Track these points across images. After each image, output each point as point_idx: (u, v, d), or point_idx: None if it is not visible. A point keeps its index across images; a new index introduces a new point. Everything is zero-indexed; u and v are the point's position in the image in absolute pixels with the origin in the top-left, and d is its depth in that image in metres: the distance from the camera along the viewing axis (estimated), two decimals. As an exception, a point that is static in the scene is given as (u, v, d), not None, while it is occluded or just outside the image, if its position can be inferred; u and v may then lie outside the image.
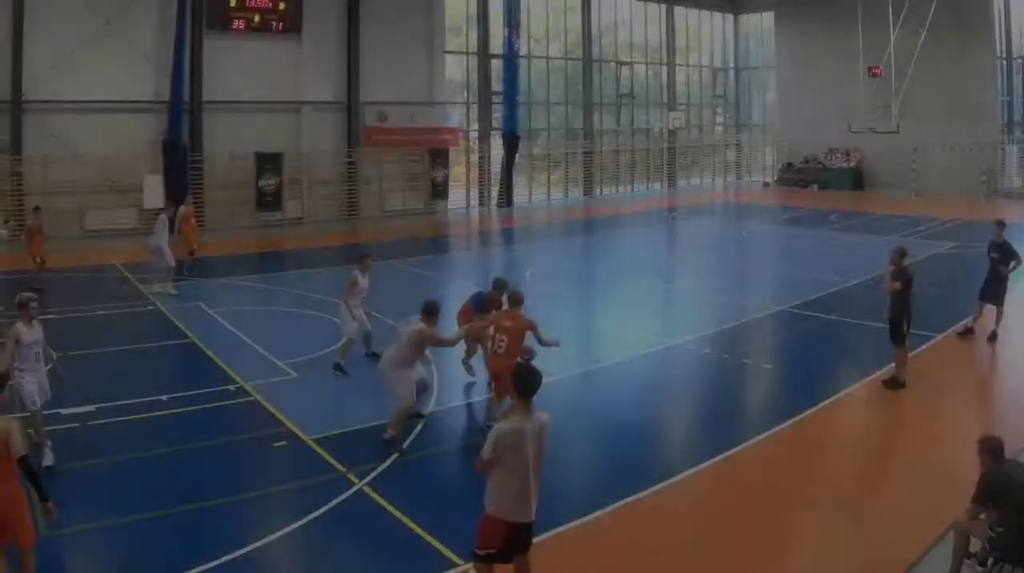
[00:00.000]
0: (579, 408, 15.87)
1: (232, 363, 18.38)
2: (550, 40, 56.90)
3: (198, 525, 11.35)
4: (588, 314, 23.51)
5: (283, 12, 42.98)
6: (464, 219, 48.82)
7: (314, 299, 24.66)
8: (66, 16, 37.15)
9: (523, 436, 8.46)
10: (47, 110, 36.94)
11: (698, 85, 66.26)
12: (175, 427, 14.93)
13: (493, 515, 8.64)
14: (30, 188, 36.54)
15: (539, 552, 9.44)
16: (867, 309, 22.09)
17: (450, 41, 50.99)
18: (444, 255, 36.76)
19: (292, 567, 10.90)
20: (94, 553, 10.89)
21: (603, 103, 59.17)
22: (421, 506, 11.74)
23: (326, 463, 13.24)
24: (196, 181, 40.36)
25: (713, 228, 44.20)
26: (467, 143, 52.26)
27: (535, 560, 9.17)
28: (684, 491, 12.50)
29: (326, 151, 45.06)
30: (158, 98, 39.56)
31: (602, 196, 57.73)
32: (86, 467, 12.91)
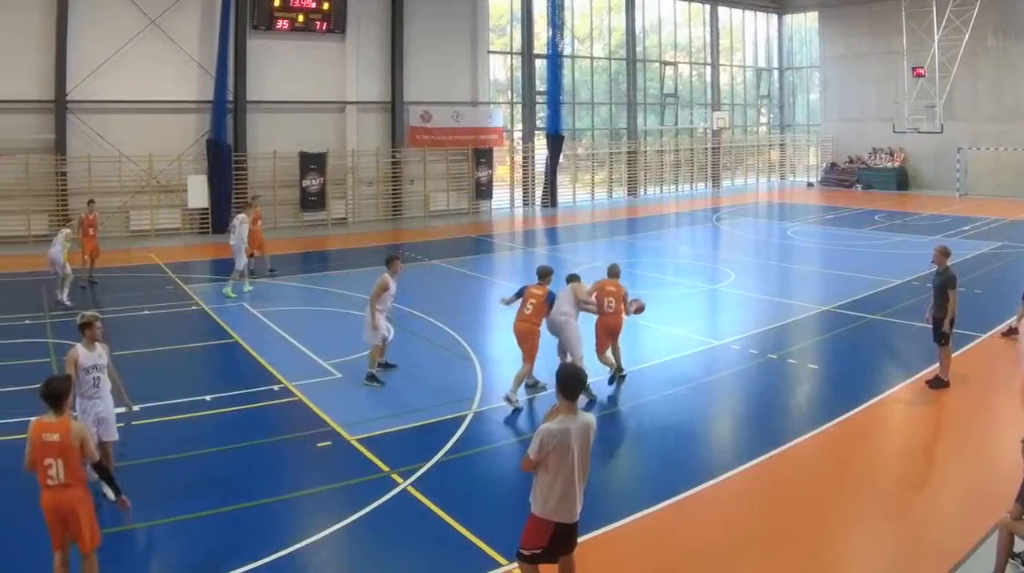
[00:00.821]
0: (625, 407, 15.76)
1: (276, 363, 18.05)
2: (594, 40, 55.63)
3: (242, 525, 11.13)
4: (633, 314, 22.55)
5: (327, 12, 41.88)
6: (508, 219, 47.54)
7: (358, 299, 23.35)
8: (110, 16, 36.37)
9: (569, 436, 8.31)
10: (91, 110, 36.12)
11: (742, 85, 64.77)
12: (219, 427, 14.75)
13: (539, 515, 8.51)
14: (74, 188, 35.77)
15: (586, 551, 9.40)
16: (911, 309, 22.13)
17: (494, 41, 49.85)
18: (489, 255, 35.77)
19: (336, 567, 10.62)
20: (139, 553, 10.67)
21: (647, 103, 57.81)
22: (465, 506, 11.53)
23: (370, 463, 12.97)
24: (240, 181, 39.60)
25: (758, 228, 43.03)
26: (511, 143, 51.13)
27: (582, 560, 9.03)
28: (730, 490, 12.27)
29: (370, 151, 43.94)
30: (202, 98, 38.68)
31: (646, 196, 56.34)
32: (130, 467, 12.41)
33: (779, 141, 66.27)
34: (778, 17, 65.15)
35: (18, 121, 34.82)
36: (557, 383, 8.57)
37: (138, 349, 19.04)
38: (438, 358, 19.00)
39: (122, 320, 22.27)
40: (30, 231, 34.77)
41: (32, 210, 35.10)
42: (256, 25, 39.98)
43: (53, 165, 35.62)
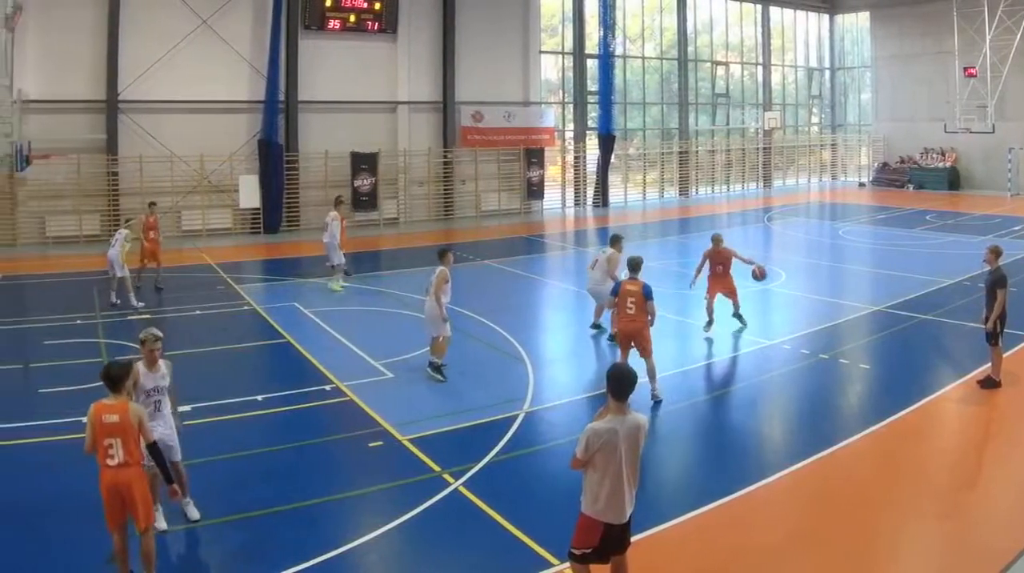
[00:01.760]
0: (677, 407, 15.30)
1: (328, 363, 17.60)
2: (646, 40, 53.82)
3: (294, 525, 10.84)
4: (684, 314, 21.95)
5: (379, 12, 40.58)
6: (559, 219, 46.02)
7: (409, 299, 23.32)
8: (161, 16, 35.41)
9: (616, 436, 8.07)
10: (143, 110, 35.14)
11: (794, 85, 62.61)
12: (271, 427, 14.46)
13: (588, 514, 8.27)
14: (126, 188, 34.90)
15: (638, 551, 9.12)
16: (962, 309, 21.71)
17: (545, 41, 48.24)
18: (540, 255, 34.53)
19: (387, 567, 10.35)
20: (190, 553, 10.44)
21: (698, 103, 55.99)
22: (516, 505, 11.24)
23: (421, 463, 12.65)
24: (291, 181, 38.53)
25: (809, 228, 41.47)
26: (563, 143, 49.57)
27: (635, 559, 8.78)
28: (782, 490, 11.94)
29: (421, 151, 42.58)
30: (253, 98, 37.56)
31: (697, 196, 54.55)
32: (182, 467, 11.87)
33: (830, 141, 64.02)
34: (829, 17, 62.84)
35: (70, 121, 33.89)
36: (607, 383, 8.30)
37: (190, 349, 18.52)
38: (490, 358, 18.45)
39: (174, 320, 21.79)
40: (81, 231, 33.93)
41: (84, 210, 34.19)
42: (308, 25, 38.82)
43: (105, 165, 34.66)
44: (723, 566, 9.95)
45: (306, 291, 25.65)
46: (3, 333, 20.65)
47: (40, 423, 11.83)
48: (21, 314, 22.92)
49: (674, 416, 14.88)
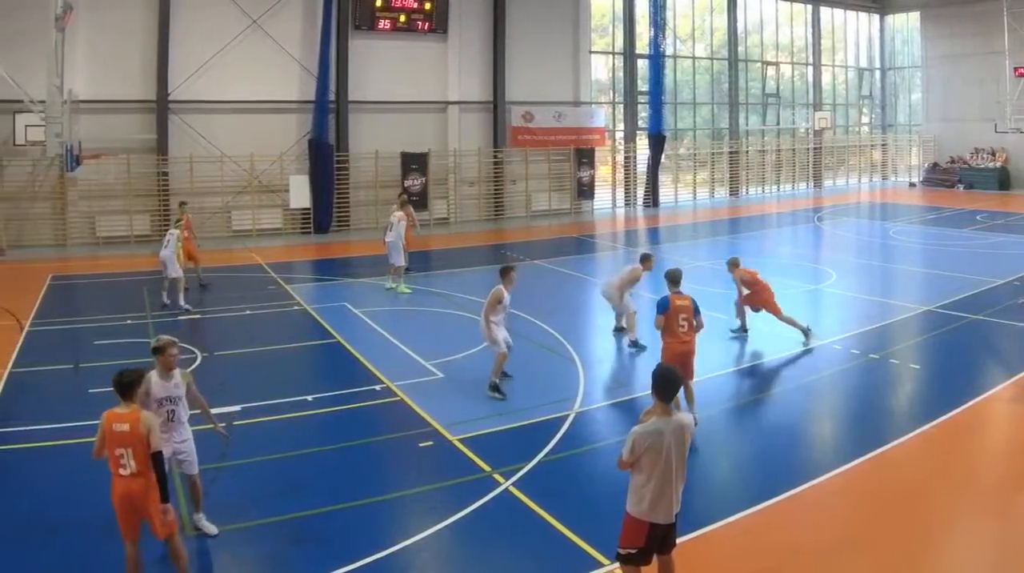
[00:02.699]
0: (727, 407, 14.94)
1: (378, 363, 17.07)
2: (696, 40, 51.75)
3: (344, 525, 10.55)
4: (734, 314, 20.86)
5: (429, 12, 39.05)
6: (610, 219, 44.38)
7: (460, 299, 23.12)
8: (212, 16, 34.22)
9: (662, 438, 7.92)
10: (193, 110, 33.96)
11: (844, 85, 60.04)
12: (321, 427, 14.05)
13: (633, 515, 8.10)
14: (176, 188, 33.60)
15: (687, 551, 9.15)
16: (1013, 309, 21.45)
17: (596, 41, 46.36)
18: (590, 255, 33.20)
19: (438, 567, 10.03)
20: (240, 553, 10.12)
21: (749, 103, 53.90)
22: (567, 505, 10.89)
23: (472, 463, 12.30)
24: (341, 181, 37.13)
25: (859, 228, 39.94)
26: (613, 143, 47.76)
27: (684, 559, 8.86)
28: (832, 490, 11.57)
29: (472, 151, 40.98)
30: (304, 98, 36.22)
31: (748, 196, 52.55)
32: (232, 467, 11.98)
33: (881, 141, 61.47)
34: (880, 17, 60.27)
35: (120, 121, 32.78)
36: (652, 383, 8.18)
37: (240, 349, 18.44)
38: (540, 358, 17.74)
39: (224, 320, 21.43)
40: (132, 231, 32.80)
41: (134, 210, 33.07)
42: (358, 25, 37.41)
43: (155, 165, 33.52)
44: (774, 566, 9.62)
45: (356, 291, 24.92)
46: (54, 333, 20.08)
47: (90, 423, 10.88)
48: (72, 314, 22.24)
49: (724, 416, 14.43)
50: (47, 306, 22.85)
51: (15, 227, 32.04)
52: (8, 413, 14.38)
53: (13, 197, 31.95)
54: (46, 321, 21.09)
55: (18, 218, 32.07)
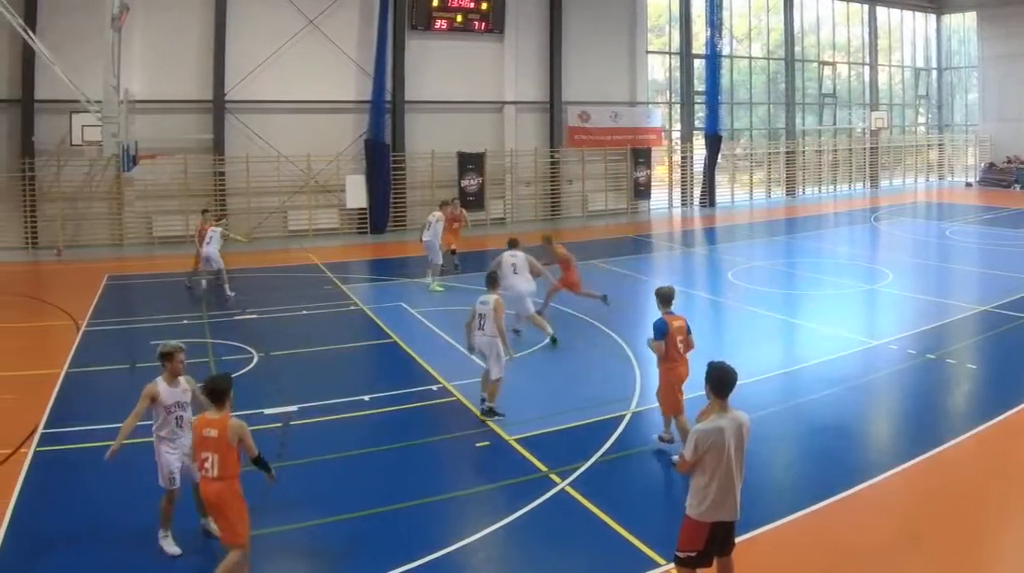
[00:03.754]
0: (783, 407, 14.19)
1: (434, 363, 16.48)
2: (753, 40, 49.27)
3: (401, 525, 10.15)
4: (791, 314, 21.00)
5: (486, 12, 37.08)
6: (666, 219, 42.20)
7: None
8: (268, 16, 32.67)
9: (723, 435, 7.48)
10: (249, 110, 32.40)
11: (900, 85, 57.04)
12: (377, 427, 13.57)
13: (693, 517, 7.63)
14: (232, 188, 32.23)
15: (742, 551, 8.47)
16: None
17: (652, 41, 43.94)
18: (647, 255, 31.61)
19: (495, 567, 9.60)
20: (296, 553, 9.78)
21: (805, 103, 51.09)
22: (624, 506, 10.41)
23: (528, 463, 11.85)
24: (398, 181, 35.31)
25: (916, 228, 38.03)
26: (670, 143, 45.22)
27: (741, 559, 8.25)
28: (889, 490, 11.01)
29: (528, 151, 38.91)
30: (360, 98, 34.49)
31: (804, 196, 49.97)
32: (289, 467, 11.33)
33: (937, 141, 58.30)
34: (936, 17, 57.05)
35: (177, 121, 31.28)
36: (707, 381, 7.77)
37: (296, 349, 17.74)
38: (597, 358, 17.08)
39: (281, 320, 20.61)
40: (188, 231, 30.66)
41: (190, 210, 31.15)
42: (414, 25, 35.59)
43: (211, 165, 32.00)
44: (830, 566, 9.24)
45: (412, 291, 23.95)
46: (110, 333, 19.33)
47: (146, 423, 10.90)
48: (128, 314, 21.50)
49: (781, 416, 13.70)
50: (103, 306, 21.97)
51: (71, 227, 30.82)
52: (65, 413, 13.72)
53: (70, 197, 30.69)
54: (102, 321, 20.25)
55: (75, 218, 30.82)
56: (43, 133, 29.68)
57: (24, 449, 12.12)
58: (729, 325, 20.65)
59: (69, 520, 10.19)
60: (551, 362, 16.76)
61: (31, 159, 29.86)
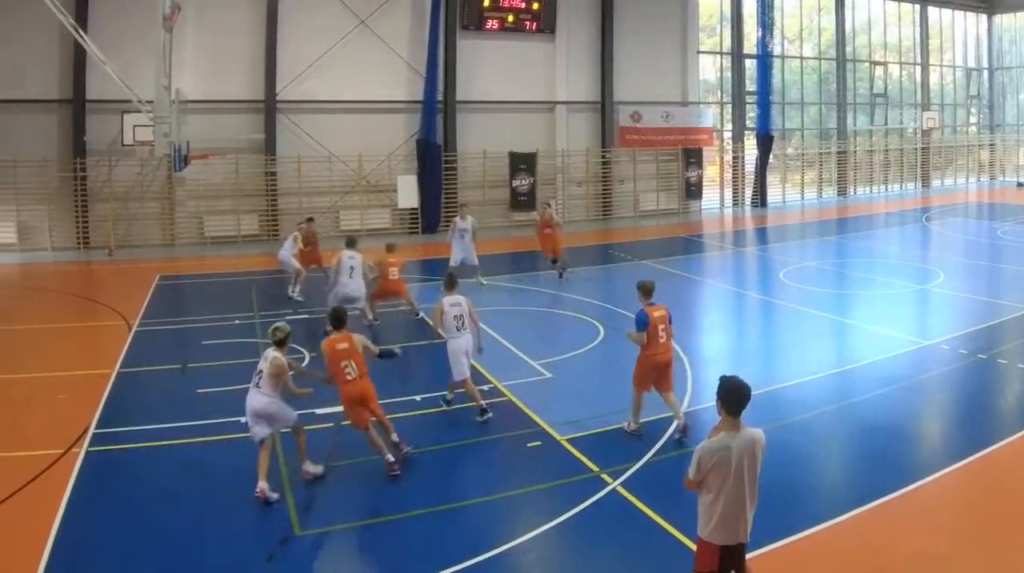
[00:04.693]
0: (834, 407, 13.43)
1: (486, 363, 15.35)
2: (804, 40, 46.60)
3: (453, 525, 9.69)
4: (842, 314, 19.96)
5: (537, 12, 35.04)
6: (718, 219, 40.00)
7: (568, 300, 21.12)
8: (319, 16, 31.02)
9: (730, 453, 6.74)
10: (300, 110, 30.72)
11: (952, 85, 54.01)
12: (429, 427, 12.93)
13: (703, 538, 6.98)
14: (284, 188, 30.53)
15: (795, 551, 8.66)
16: None
17: (704, 41, 41.59)
18: (699, 255, 29.81)
19: (546, 567, 9.10)
20: (349, 552, 9.36)
21: (856, 103, 48.35)
22: (675, 506, 9.51)
23: (579, 463, 11.28)
24: (449, 181, 33.40)
25: (967, 228, 36.16)
26: (721, 143, 42.85)
27: (790, 559, 8.41)
28: (941, 490, 10.44)
29: (579, 151, 36.81)
30: (411, 98, 32.69)
31: (856, 196, 47.40)
32: (342, 467, 11.12)
33: (988, 141, 55.18)
34: (988, 17, 53.89)
35: (229, 121, 29.72)
36: (718, 396, 6.90)
37: None
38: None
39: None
40: (239, 231, 29.68)
41: (242, 210, 29.97)
42: (466, 25, 33.72)
43: (263, 165, 30.33)
44: (882, 567, 8.68)
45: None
46: (163, 333, 18.55)
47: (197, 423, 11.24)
48: (179, 314, 20.59)
49: (832, 416, 13.05)
50: (155, 306, 20.99)
51: (123, 227, 29.38)
52: (116, 413, 13.14)
53: (121, 197, 29.22)
54: (154, 321, 19.36)
55: (126, 218, 29.35)
56: (94, 133, 28.29)
57: (76, 449, 11.52)
58: (781, 325, 19.59)
59: (120, 520, 9.72)
60: (602, 362, 15.76)
61: (83, 159, 28.45)
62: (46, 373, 15.34)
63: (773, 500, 8.63)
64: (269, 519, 9.59)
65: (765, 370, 15.38)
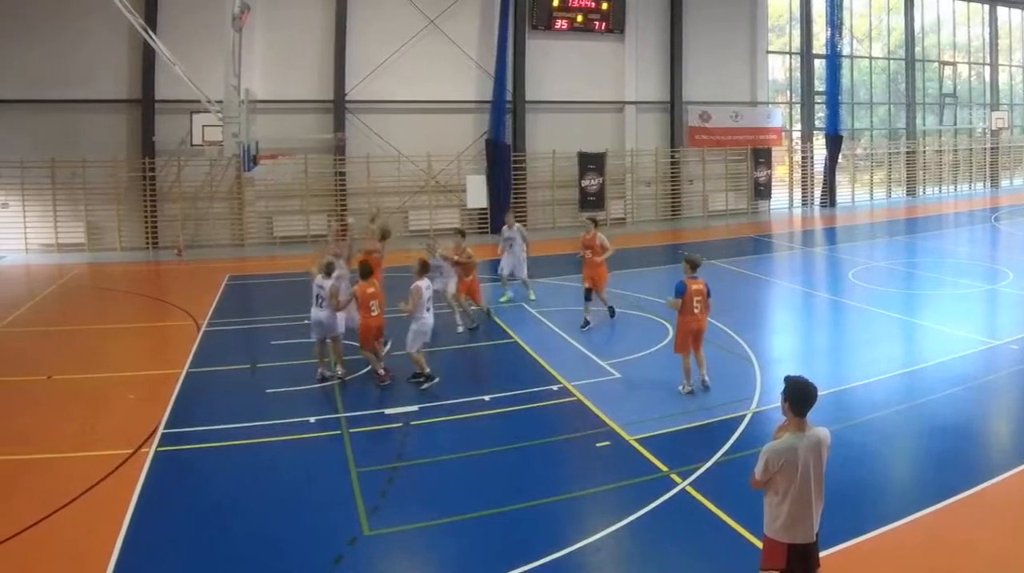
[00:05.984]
0: (903, 407, 12.33)
1: (555, 363, 14.57)
2: (873, 40, 42.74)
3: (521, 525, 8.84)
4: (911, 313, 18.68)
5: (606, 12, 32.14)
6: (786, 219, 36.72)
7: (636, 299, 19.43)
8: (388, 16, 28.64)
9: (796, 455, 6.26)
10: (369, 110, 28.33)
11: (1021, 85, 49.54)
12: (497, 427, 11.88)
13: (770, 536, 6.51)
14: (353, 188, 28.12)
15: (866, 550, 8.04)
16: None
17: (773, 41, 38.16)
18: (768, 255, 27.55)
19: (615, 567, 8.30)
20: (418, 552, 8.57)
21: (925, 103, 44.35)
22: (745, 506, 8.36)
23: (648, 463, 10.26)
24: (518, 181, 30.66)
25: None
26: (790, 143, 39.33)
27: (862, 558, 7.83)
28: (1011, 490, 9.46)
29: (648, 151, 33.71)
30: (480, 98, 30.10)
31: (925, 196, 43.71)
32: (409, 467, 10.25)
33: (1058, 141, 50.54)
34: (1057, 17, 50.73)
35: (298, 121, 27.49)
36: (783, 397, 6.36)
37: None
38: (717, 358, 14.52)
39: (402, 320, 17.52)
40: (309, 231, 27.33)
41: (311, 210, 27.64)
42: (535, 25, 30.90)
43: (332, 165, 27.96)
44: (953, 566, 7.94)
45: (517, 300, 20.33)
46: (232, 333, 17.52)
47: (266, 423, 10.97)
48: (248, 314, 19.50)
49: (901, 416, 11.94)
50: (224, 306, 19.66)
51: (192, 227, 27.32)
52: (185, 413, 12.37)
53: (190, 197, 27.09)
54: (223, 321, 18.19)
55: (195, 218, 27.22)
56: (163, 133, 26.16)
57: (145, 449, 10.87)
58: (850, 325, 17.99)
59: (188, 520, 9.07)
60: (671, 362, 14.06)
61: (151, 159, 26.31)
62: (116, 373, 14.40)
63: (842, 500, 8.23)
64: (337, 520, 8.83)
65: (833, 370, 14.34)
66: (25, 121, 25.99)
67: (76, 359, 15.34)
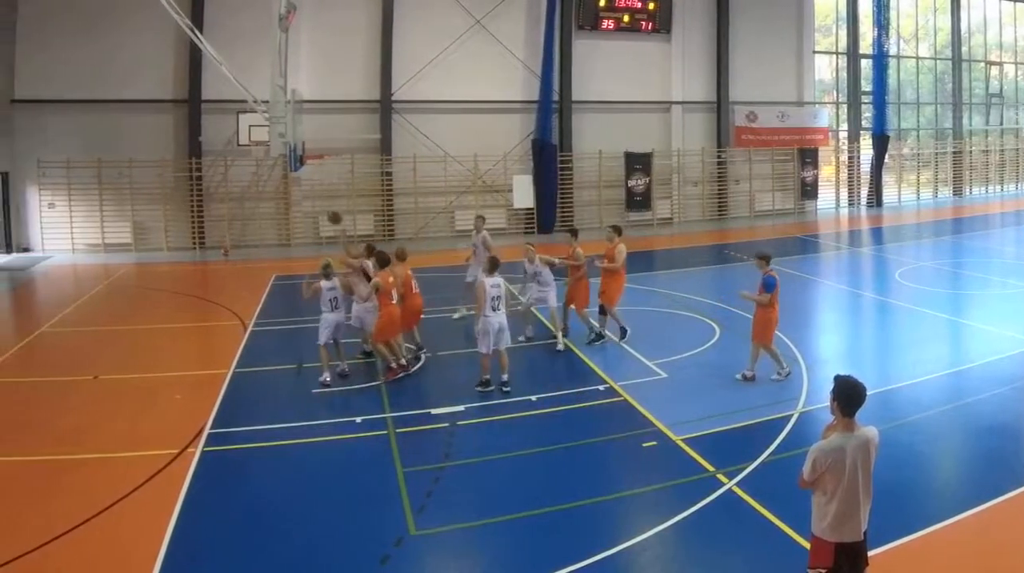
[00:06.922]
0: (951, 407, 11.44)
1: (602, 363, 13.68)
2: (919, 40, 40.04)
3: (568, 524, 8.33)
4: (959, 314, 17.63)
5: (652, 12, 30.07)
6: (833, 219, 34.56)
7: (684, 299, 18.52)
8: (435, 16, 26.92)
9: (844, 455, 5.82)
10: (416, 110, 26.61)
11: None
12: (544, 427, 11.04)
13: (818, 536, 6.05)
14: (399, 188, 26.39)
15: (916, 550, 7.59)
16: None
17: (819, 41, 35.74)
18: (814, 255, 26.02)
19: (662, 566, 7.76)
20: (464, 552, 8.11)
21: (972, 103, 41.58)
22: (792, 506, 7.90)
23: (695, 463, 9.64)
24: (565, 181, 28.70)
25: None
26: (836, 143, 37.00)
27: (912, 558, 7.42)
28: None
29: (695, 151, 31.62)
30: (526, 98, 28.18)
31: (971, 196, 41.07)
32: (456, 467, 9.64)
33: (1104, 141, 48.69)
34: (1105, 16, 48.33)
35: (345, 121, 25.89)
36: (832, 396, 5.92)
37: (462, 349, 14.70)
38: (764, 358, 13.22)
39: (448, 320, 17.18)
40: (356, 231, 25.37)
41: (357, 210, 25.92)
42: (581, 25, 28.95)
43: (379, 165, 26.23)
44: (1003, 567, 7.52)
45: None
46: (278, 333, 16.67)
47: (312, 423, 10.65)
48: (295, 314, 18.04)
49: (947, 416, 11.19)
50: (270, 306, 18.67)
51: (238, 227, 25.77)
52: (231, 413, 11.74)
53: (237, 197, 25.47)
54: (269, 321, 17.29)
55: (242, 218, 25.61)
56: (210, 133, 24.60)
57: (191, 449, 10.39)
58: (897, 325, 16.91)
59: (234, 520, 8.50)
60: (718, 362, 13.70)
61: (198, 159, 24.73)
62: (163, 373, 13.75)
63: (889, 499, 7.81)
64: (383, 520, 8.34)
65: (881, 370, 13.48)
66: (71, 121, 24.61)
67: (123, 359, 14.63)
